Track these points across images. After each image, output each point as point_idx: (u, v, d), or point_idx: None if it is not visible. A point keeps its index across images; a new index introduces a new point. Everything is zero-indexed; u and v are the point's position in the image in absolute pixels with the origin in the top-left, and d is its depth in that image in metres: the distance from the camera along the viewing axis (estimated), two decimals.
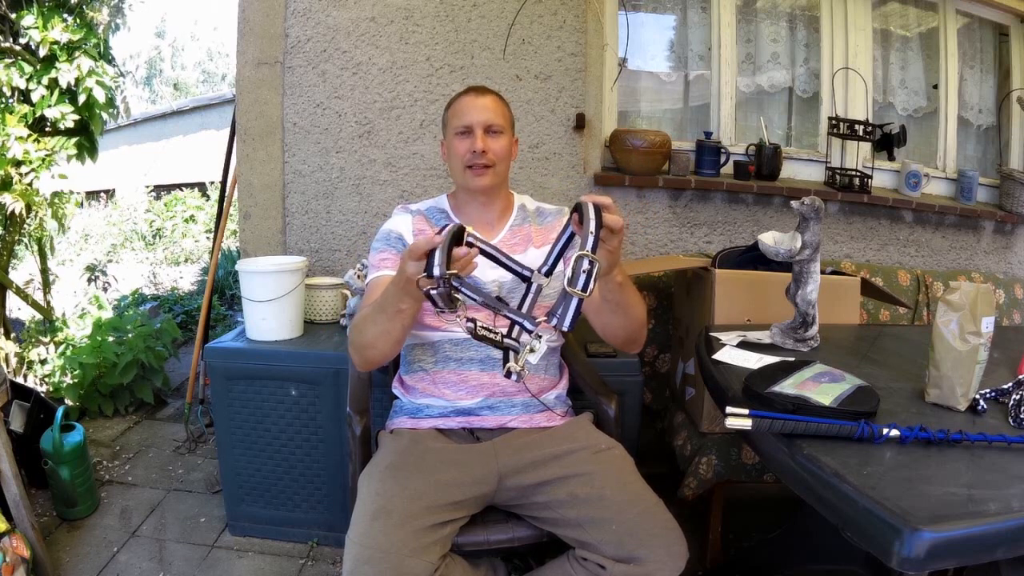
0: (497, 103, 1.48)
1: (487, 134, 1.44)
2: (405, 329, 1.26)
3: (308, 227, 2.43)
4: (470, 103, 1.46)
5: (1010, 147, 2.80)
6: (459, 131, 1.45)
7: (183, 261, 6.48)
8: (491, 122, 1.44)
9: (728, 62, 2.57)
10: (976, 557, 0.82)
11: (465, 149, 1.44)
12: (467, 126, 1.44)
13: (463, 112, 1.46)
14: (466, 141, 1.44)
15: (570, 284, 0.98)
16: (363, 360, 1.34)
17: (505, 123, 1.48)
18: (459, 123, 1.45)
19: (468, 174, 1.45)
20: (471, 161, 1.43)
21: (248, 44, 2.32)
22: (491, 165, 1.44)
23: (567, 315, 0.99)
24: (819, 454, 0.95)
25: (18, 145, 2.54)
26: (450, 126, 1.49)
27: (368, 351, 1.30)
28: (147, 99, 15.73)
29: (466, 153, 1.44)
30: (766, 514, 2.18)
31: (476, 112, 1.44)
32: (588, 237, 1.02)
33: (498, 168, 1.46)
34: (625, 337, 1.37)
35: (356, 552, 1.11)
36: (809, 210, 1.41)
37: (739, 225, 2.52)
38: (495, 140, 1.45)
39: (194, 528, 2.11)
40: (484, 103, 1.46)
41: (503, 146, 1.46)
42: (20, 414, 2.27)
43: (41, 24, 2.58)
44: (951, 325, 1.13)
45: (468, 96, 1.48)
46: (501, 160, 1.46)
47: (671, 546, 1.17)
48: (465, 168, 1.45)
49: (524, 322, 1.04)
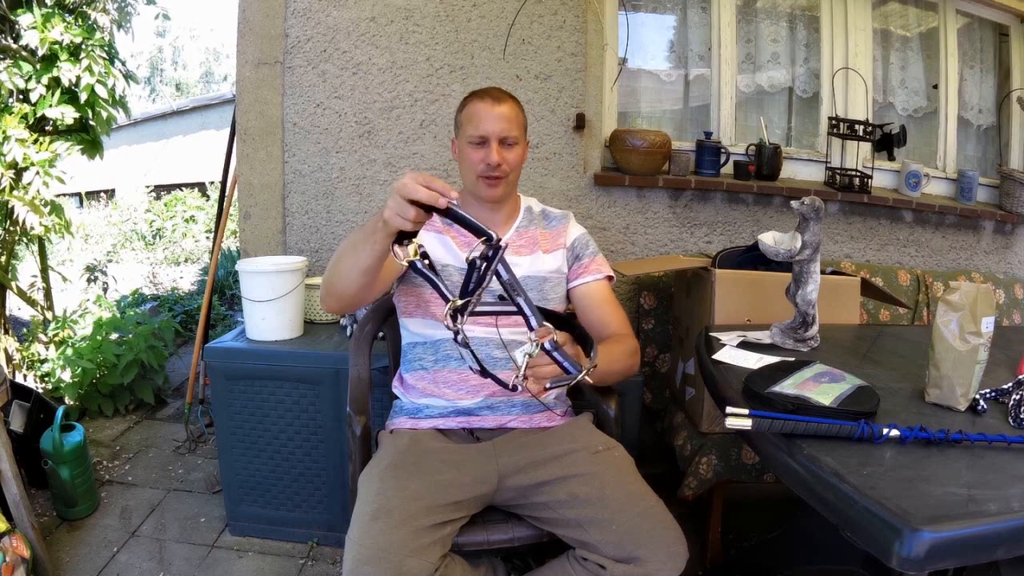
0: (513, 110, 1.45)
1: (503, 145, 1.42)
2: (375, 259, 1.13)
3: (308, 227, 2.43)
4: (487, 111, 1.41)
5: (1010, 147, 2.80)
6: (474, 140, 1.42)
7: (183, 261, 6.48)
8: (507, 133, 1.41)
9: (728, 62, 2.57)
10: (976, 557, 0.82)
11: (479, 159, 1.41)
12: (483, 136, 1.41)
13: (479, 120, 1.41)
14: (481, 151, 1.41)
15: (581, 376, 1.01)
16: (329, 290, 1.25)
17: (520, 132, 1.45)
18: (474, 132, 1.41)
19: (481, 184, 1.43)
20: (485, 172, 1.42)
21: (248, 44, 2.31)
22: (504, 176, 1.43)
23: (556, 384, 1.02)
24: (819, 454, 0.95)
25: (19, 148, 2.53)
26: (464, 131, 1.44)
27: (336, 279, 1.22)
28: (147, 99, 15.74)
29: (480, 163, 1.41)
30: (766, 514, 2.18)
31: (492, 122, 1.41)
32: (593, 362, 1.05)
33: (511, 177, 1.45)
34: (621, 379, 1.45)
35: (356, 552, 1.11)
36: (809, 210, 1.41)
37: (739, 225, 2.52)
38: (510, 151, 1.43)
39: (194, 528, 2.11)
40: (501, 112, 1.42)
41: (518, 156, 1.45)
42: (20, 414, 2.27)
43: (40, 24, 2.58)
44: (951, 325, 1.13)
45: (485, 103, 1.43)
46: (514, 170, 1.45)
47: (671, 546, 1.17)
48: (478, 178, 1.43)
49: (531, 318, 1.00)
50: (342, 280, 1.21)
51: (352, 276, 1.19)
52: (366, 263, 1.14)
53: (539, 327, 0.99)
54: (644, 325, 2.34)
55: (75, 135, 2.83)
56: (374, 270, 1.17)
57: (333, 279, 1.24)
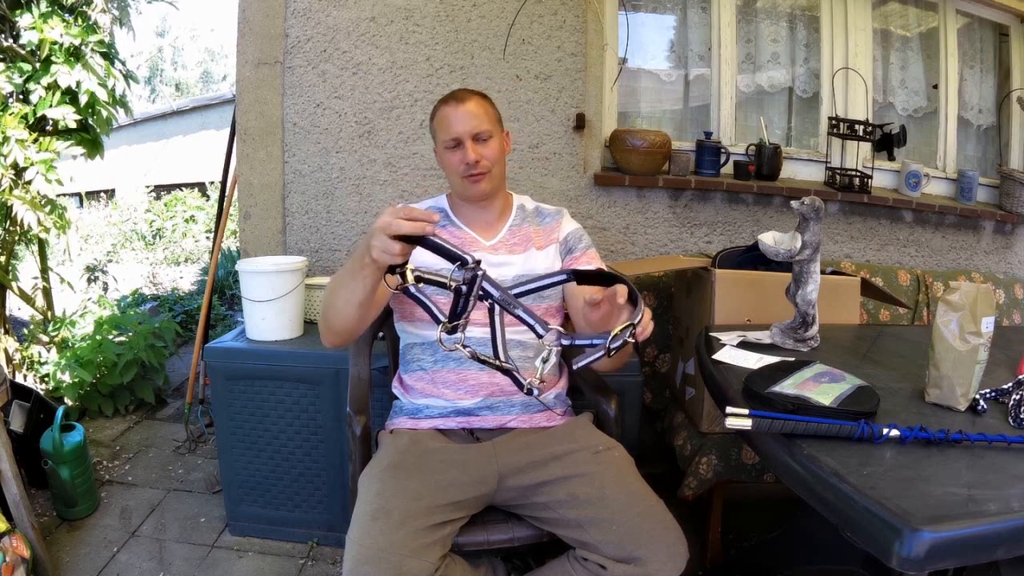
0: (480, 106, 1.45)
1: (476, 142, 1.43)
2: (366, 293, 1.15)
3: (308, 227, 2.43)
4: (453, 113, 1.43)
5: (1010, 147, 2.80)
6: (449, 144, 1.44)
7: (183, 261, 6.48)
8: (478, 129, 1.43)
9: (728, 62, 2.57)
10: (976, 557, 0.82)
11: (458, 161, 1.43)
12: (455, 138, 1.43)
13: (448, 124, 1.43)
14: (457, 153, 1.43)
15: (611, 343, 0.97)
16: (327, 326, 1.27)
17: (492, 125, 1.46)
18: (447, 136, 1.44)
19: (466, 183, 1.45)
20: (466, 172, 1.43)
21: (248, 44, 2.32)
22: (486, 172, 1.44)
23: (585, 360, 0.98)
24: (819, 454, 0.95)
25: (19, 149, 2.53)
26: (439, 138, 1.47)
27: (331, 314, 1.24)
28: (147, 99, 15.74)
29: (460, 164, 1.43)
30: (766, 514, 2.18)
31: (460, 122, 1.42)
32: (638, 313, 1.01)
33: (494, 171, 1.46)
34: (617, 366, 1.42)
35: (356, 552, 1.11)
36: (809, 210, 1.41)
37: (739, 225, 2.53)
38: (485, 146, 1.44)
39: (194, 528, 2.11)
40: (468, 110, 1.43)
41: (495, 150, 1.46)
42: (20, 414, 2.27)
43: (39, 24, 2.57)
44: (951, 325, 1.13)
45: (450, 105, 1.45)
46: (496, 163, 1.46)
47: (671, 546, 1.17)
48: (462, 179, 1.44)
49: (536, 326, 1.01)
50: (339, 317, 1.24)
51: (348, 311, 1.21)
52: (360, 297, 1.17)
53: (546, 332, 0.99)
54: None
55: (75, 135, 2.83)
56: (368, 302, 1.19)
57: (330, 318, 1.26)
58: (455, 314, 0.99)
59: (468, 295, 0.97)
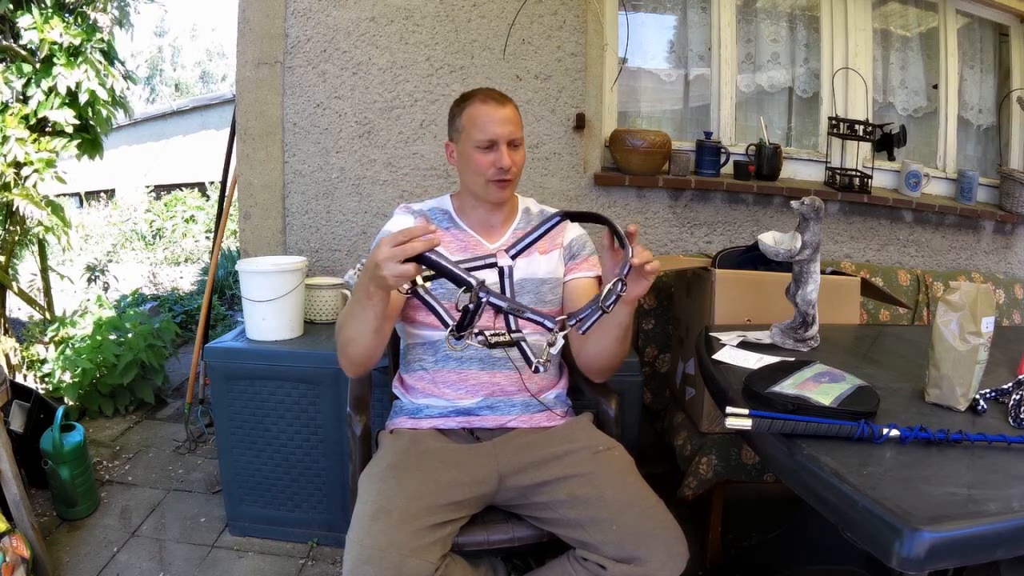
0: (516, 112, 1.45)
1: (510, 147, 1.41)
2: (380, 319, 1.19)
3: (308, 227, 2.43)
4: (492, 114, 1.40)
5: (1010, 147, 2.80)
6: (482, 144, 1.40)
7: (183, 261, 6.48)
8: (514, 135, 1.41)
9: (728, 62, 2.57)
10: (976, 557, 0.82)
11: (489, 163, 1.40)
12: (491, 140, 1.39)
13: (485, 124, 1.40)
14: (490, 155, 1.40)
15: (603, 300, 1.09)
16: (347, 359, 1.30)
17: (522, 132, 1.46)
18: (482, 136, 1.39)
19: (491, 187, 1.42)
20: (496, 176, 1.41)
21: (248, 44, 2.32)
22: (514, 178, 1.44)
23: (587, 322, 1.10)
24: (819, 454, 0.95)
25: (18, 147, 2.53)
26: (468, 135, 1.42)
27: (350, 347, 1.27)
28: (147, 99, 15.74)
29: (490, 167, 1.40)
30: (766, 514, 2.18)
31: (500, 125, 1.40)
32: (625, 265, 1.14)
33: (517, 179, 1.47)
34: (606, 363, 1.41)
35: (356, 552, 1.11)
36: (809, 210, 1.41)
37: (739, 225, 2.53)
38: (516, 153, 1.43)
39: (194, 528, 2.11)
40: (507, 115, 1.41)
41: (523, 157, 1.46)
42: (20, 414, 2.27)
43: (40, 24, 2.57)
44: (951, 325, 1.13)
45: (489, 106, 1.41)
46: (520, 170, 1.47)
47: (671, 546, 1.17)
48: (488, 182, 1.42)
49: (545, 321, 1.09)
50: (358, 347, 1.26)
51: (366, 340, 1.24)
52: (374, 324, 1.20)
53: (555, 325, 1.08)
54: (644, 325, 2.34)
55: (75, 134, 2.83)
56: (383, 326, 1.23)
57: (349, 350, 1.28)
58: (462, 326, 1.04)
59: (475, 312, 1.02)
